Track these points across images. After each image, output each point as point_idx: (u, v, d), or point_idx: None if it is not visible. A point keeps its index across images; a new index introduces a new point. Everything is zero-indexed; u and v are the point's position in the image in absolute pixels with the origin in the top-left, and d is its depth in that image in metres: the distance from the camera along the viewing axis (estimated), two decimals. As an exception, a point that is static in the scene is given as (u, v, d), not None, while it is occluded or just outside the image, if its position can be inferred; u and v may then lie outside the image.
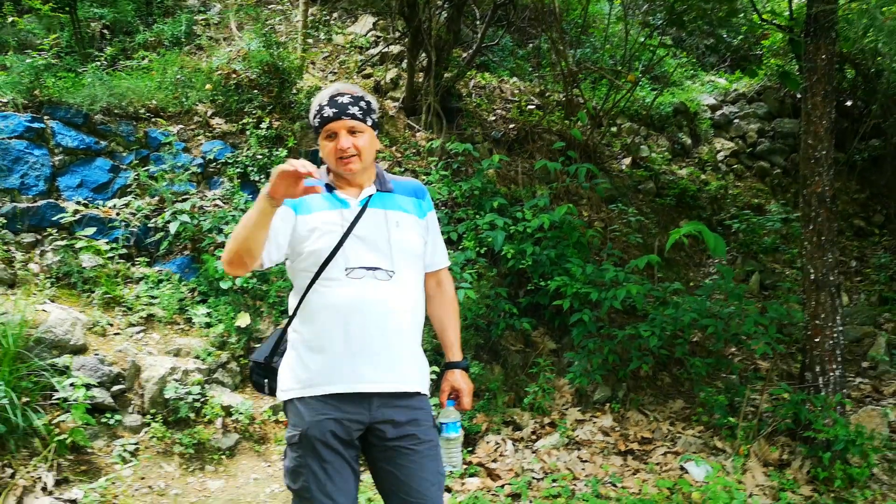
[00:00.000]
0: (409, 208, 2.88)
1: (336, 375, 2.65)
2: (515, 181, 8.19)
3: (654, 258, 6.37)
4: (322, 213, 2.74)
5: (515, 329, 6.69)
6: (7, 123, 6.49)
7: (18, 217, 6.17)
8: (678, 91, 12.48)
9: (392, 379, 2.70)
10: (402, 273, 2.74)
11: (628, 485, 5.17)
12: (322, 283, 2.68)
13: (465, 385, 2.97)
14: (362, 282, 2.65)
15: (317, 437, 2.62)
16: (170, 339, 5.84)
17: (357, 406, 2.66)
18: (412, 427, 2.72)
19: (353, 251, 2.68)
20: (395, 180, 2.94)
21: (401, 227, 2.78)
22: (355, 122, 2.74)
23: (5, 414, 4.40)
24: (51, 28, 9.28)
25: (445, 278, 3.09)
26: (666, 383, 6.67)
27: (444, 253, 3.07)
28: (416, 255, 2.83)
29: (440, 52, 8.49)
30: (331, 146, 2.75)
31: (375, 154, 2.89)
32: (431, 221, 2.98)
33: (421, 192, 2.99)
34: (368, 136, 2.79)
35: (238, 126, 7.62)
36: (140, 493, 4.61)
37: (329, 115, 2.74)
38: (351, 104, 2.75)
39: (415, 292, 2.82)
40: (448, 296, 3.07)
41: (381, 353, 2.66)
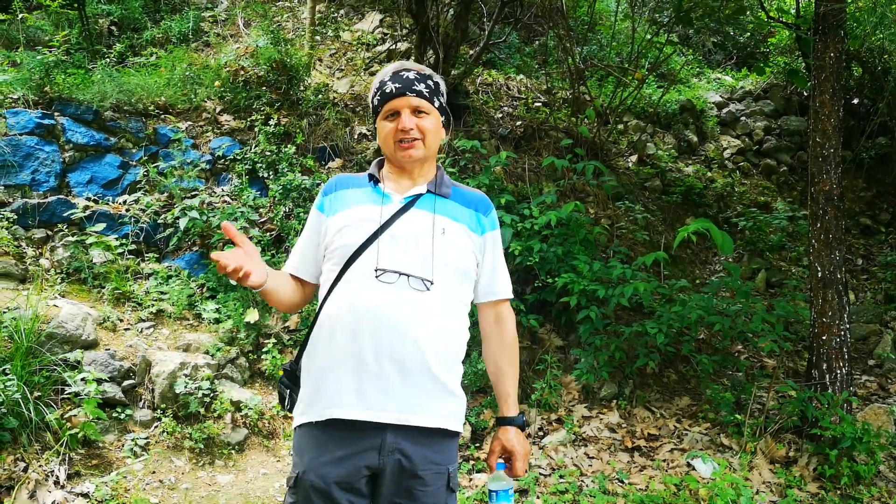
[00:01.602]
0: (464, 219, 2.48)
1: (339, 396, 2.28)
2: (522, 178, 8.20)
3: (661, 255, 6.38)
4: (358, 209, 2.44)
5: (522, 326, 6.71)
6: (18, 120, 6.53)
7: (29, 213, 6.21)
8: (685, 88, 12.48)
9: (407, 408, 2.28)
10: (443, 287, 2.35)
11: (635, 481, 5.20)
12: (346, 283, 2.34)
13: (520, 447, 2.49)
14: (392, 287, 2.29)
15: (313, 486, 2.27)
16: (179, 335, 5.88)
17: (365, 440, 2.27)
18: (423, 480, 2.31)
19: (386, 251, 2.33)
20: (458, 188, 2.58)
21: (447, 237, 2.40)
22: (421, 101, 2.42)
23: (18, 408, 4.44)
24: (59, 25, 9.33)
25: (507, 314, 2.63)
26: (672, 380, 6.68)
27: (506, 282, 2.61)
28: (461, 272, 2.43)
29: (447, 49, 8.50)
30: (390, 127, 2.42)
31: (440, 145, 2.60)
32: (492, 242, 2.56)
33: (484, 206, 2.57)
34: (435, 119, 2.46)
35: (246, 123, 7.66)
36: (151, 487, 4.64)
37: (391, 91, 2.42)
38: (418, 80, 2.44)
39: (456, 312, 2.43)
40: (508, 336, 2.62)
41: (398, 374, 2.26)
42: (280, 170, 7.24)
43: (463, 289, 2.46)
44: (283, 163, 7.27)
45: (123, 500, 4.43)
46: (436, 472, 2.32)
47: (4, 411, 4.36)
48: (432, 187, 2.48)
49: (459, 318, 2.44)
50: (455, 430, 2.40)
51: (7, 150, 6.35)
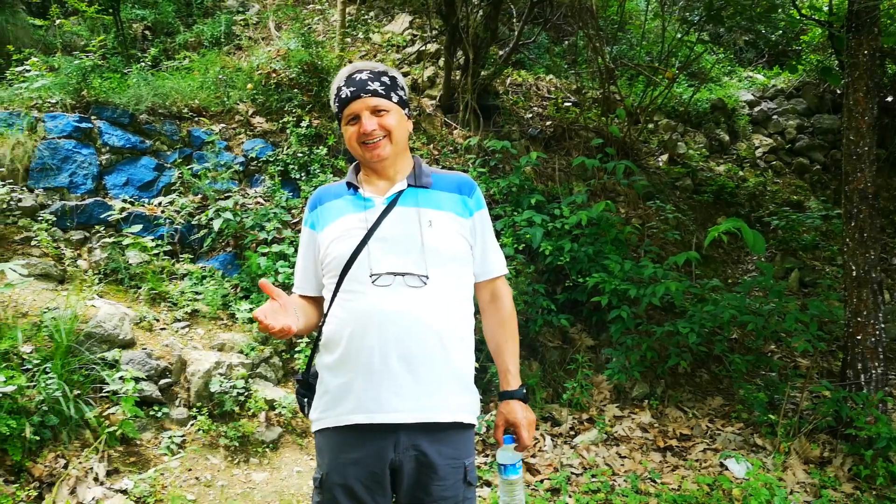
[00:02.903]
0: (449, 206, 2.47)
1: (356, 404, 2.30)
2: (553, 178, 8.21)
3: (693, 255, 6.37)
4: (343, 219, 2.44)
5: (553, 325, 6.72)
6: (56, 123, 6.65)
7: (68, 215, 6.32)
8: (716, 87, 12.41)
9: (420, 406, 2.29)
10: (439, 279, 2.34)
11: (668, 481, 5.19)
12: (344, 293, 2.37)
13: (524, 417, 2.47)
14: (390, 289, 2.29)
15: (338, 484, 2.32)
16: (214, 334, 5.95)
17: (380, 441, 2.30)
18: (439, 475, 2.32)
19: (378, 255, 2.34)
20: (438, 174, 2.57)
21: (435, 228, 2.38)
22: (378, 100, 2.40)
23: (58, 406, 4.52)
24: (94, 30, 9.48)
25: (502, 289, 2.62)
26: (704, 380, 6.66)
27: (498, 259, 2.61)
28: (456, 259, 2.42)
29: (477, 49, 8.53)
30: (353, 131, 2.42)
31: (409, 138, 2.54)
32: (480, 222, 2.55)
33: (467, 187, 2.55)
34: (396, 114, 2.43)
35: (278, 125, 7.74)
36: (188, 484, 4.71)
37: (347, 96, 2.41)
38: (371, 80, 2.41)
39: (456, 302, 2.41)
40: (505, 311, 2.60)
41: (408, 374, 2.28)
42: (312, 171, 7.31)
43: (461, 276, 2.46)
44: (314, 164, 7.34)
45: (161, 496, 4.50)
46: (452, 466, 2.34)
47: (46, 409, 4.44)
48: (412, 181, 2.48)
49: (461, 306, 2.44)
50: (469, 422, 2.40)
51: (46, 153, 6.47)
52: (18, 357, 4.60)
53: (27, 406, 4.36)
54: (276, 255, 6.31)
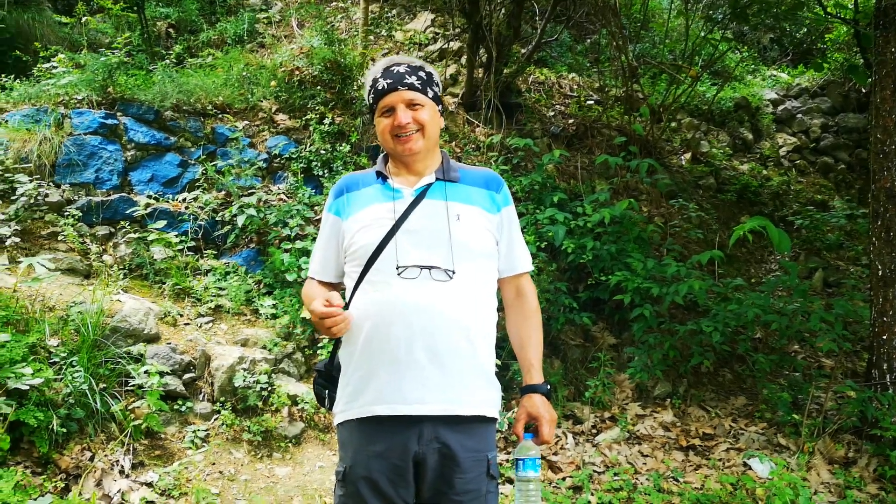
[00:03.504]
0: (477, 200, 2.48)
1: (378, 394, 2.31)
2: (575, 176, 8.19)
3: (717, 253, 6.33)
4: (372, 208, 2.44)
5: (575, 323, 6.70)
6: (82, 120, 6.72)
7: (93, 210, 6.38)
8: (739, 86, 12.33)
9: (445, 398, 2.30)
10: (466, 274, 2.34)
11: (690, 480, 5.17)
12: (369, 284, 2.36)
13: (546, 413, 2.45)
14: (416, 282, 2.30)
15: (361, 476, 2.31)
16: (237, 330, 5.99)
17: (403, 433, 2.29)
18: (462, 467, 2.31)
19: (405, 247, 2.33)
20: (465, 169, 2.57)
21: (462, 222, 2.39)
22: (414, 94, 2.41)
23: (85, 399, 4.56)
24: (119, 27, 9.56)
25: (526, 286, 2.62)
26: (727, 380, 6.62)
27: (524, 255, 2.61)
28: (482, 254, 2.43)
29: (500, 47, 8.53)
30: (386, 123, 2.43)
31: (440, 134, 2.57)
32: (508, 218, 2.55)
33: (495, 183, 2.56)
34: (430, 109, 2.44)
35: (301, 122, 7.77)
36: (211, 478, 4.75)
37: (384, 88, 2.42)
38: (408, 73, 2.43)
39: (481, 297, 2.42)
40: (529, 307, 2.60)
41: (433, 366, 2.28)
42: (335, 168, 7.33)
43: (486, 271, 2.46)
44: (337, 161, 7.37)
45: (185, 489, 4.54)
46: (475, 459, 2.33)
47: (73, 402, 4.49)
48: (440, 174, 2.48)
49: (486, 301, 2.44)
50: (491, 416, 2.40)
51: (72, 149, 6.53)
52: (45, 350, 4.65)
53: (54, 399, 4.40)
54: (299, 252, 6.34)
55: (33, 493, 3.91)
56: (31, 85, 7.21)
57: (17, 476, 3.82)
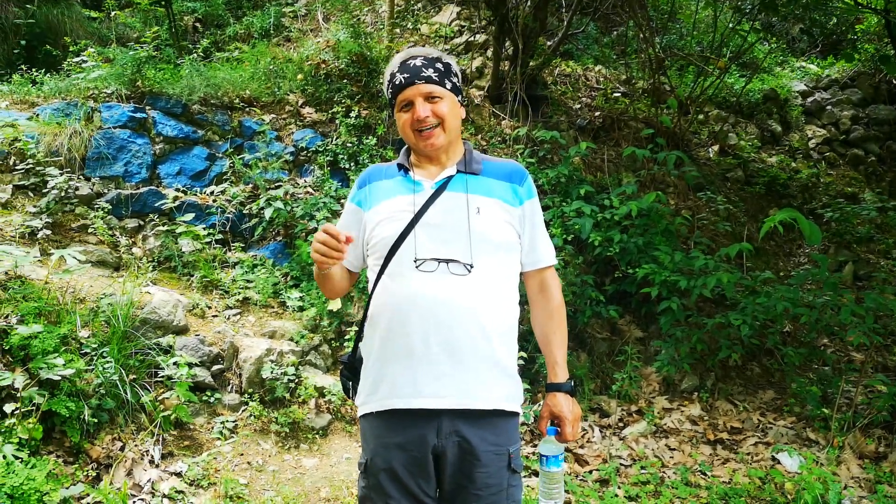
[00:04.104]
0: (498, 193, 2.45)
1: (394, 388, 2.31)
2: (601, 169, 8.15)
3: (745, 246, 6.28)
4: (392, 201, 2.44)
5: (602, 317, 6.67)
6: (112, 113, 6.78)
7: (123, 203, 6.45)
8: (768, 77, 12.20)
9: (461, 392, 2.29)
10: (484, 267, 2.33)
11: (718, 474, 5.13)
12: (389, 277, 2.36)
13: (569, 411, 2.42)
14: (434, 275, 2.29)
15: (382, 468, 2.32)
16: (265, 322, 6.02)
17: (422, 427, 2.29)
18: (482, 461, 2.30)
19: (423, 240, 2.33)
20: (488, 161, 2.54)
21: (483, 215, 2.37)
22: (432, 87, 2.39)
23: (115, 390, 4.61)
24: (147, 22, 9.64)
25: (551, 280, 2.57)
26: (756, 373, 6.57)
27: (547, 249, 2.57)
28: (503, 247, 2.41)
29: (526, 40, 8.49)
30: (406, 118, 2.41)
31: (461, 125, 2.54)
32: (531, 211, 2.52)
33: (518, 175, 2.53)
34: (449, 101, 2.42)
35: (328, 115, 7.79)
36: (240, 469, 4.78)
37: (401, 82, 2.40)
38: (425, 66, 2.40)
39: (501, 291, 2.40)
40: (553, 302, 2.56)
41: (448, 360, 2.27)
42: (361, 161, 7.34)
43: (507, 265, 2.44)
44: (363, 154, 7.38)
45: (214, 480, 4.57)
46: (496, 453, 2.32)
47: (103, 392, 4.54)
48: (462, 167, 2.47)
49: (506, 296, 2.42)
50: (512, 410, 2.38)
51: (102, 142, 6.59)
52: (77, 341, 4.69)
53: (85, 389, 4.45)
54: (325, 245, 6.35)
55: (65, 481, 3.95)
56: (61, 79, 7.28)
57: (50, 465, 3.86)
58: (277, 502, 4.48)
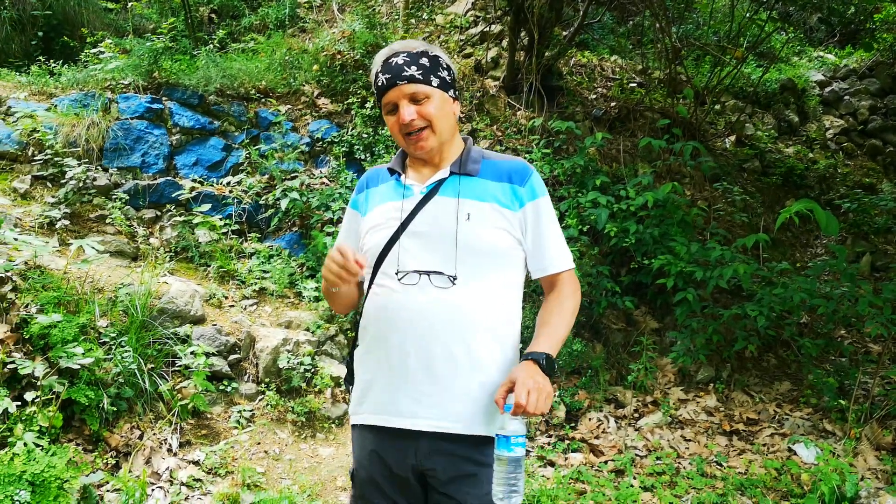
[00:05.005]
0: (493, 196, 2.23)
1: (374, 404, 2.23)
2: (617, 159, 8.12)
3: (762, 237, 6.25)
4: (383, 207, 2.30)
5: (617, 307, 6.67)
6: (129, 104, 6.81)
7: (140, 194, 6.48)
8: (785, 67, 12.11)
9: (438, 415, 2.13)
10: (470, 279, 2.15)
11: (734, 465, 5.13)
12: (375, 289, 2.24)
13: (528, 378, 2.01)
14: (416, 288, 2.15)
15: (366, 479, 2.26)
16: (281, 312, 6.05)
17: (400, 446, 2.19)
18: (460, 488, 2.13)
19: (407, 250, 2.19)
20: (491, 160, 2.33)
21: (473, 221, 2.17)
22: (416, 87, 2.18)
23: (134, 379, 4.66)
24: (163, 13, 9.66)
25: (564, 285, 2.32)
26: (772, 365, 6.55)
27: (558, 254, 2.32)
28: (494, 256, 2.20)
29: (542, 30, 8.46)
30: (393, 121, 2.24)
31: (456, 123, 2.33)
32: (534, 214, 2.28)
33: (519, 174, 2.29)
34: (437, 100, 2.22)
35: (343, 106, 7.80)
36: (257, 457, 4.82)
37: (383, 84, 2.21)
38: (408, 64, 2.19)
39: (492, 304, 2.20)
40: (560, 298, 2.30)
41: (427, 379, 2.13)
42: (376, 152, 7.35)
43: (500, 275, 2.22)
44: (379, 145, 7.39)
45: (231, 468, 4.61)
46: (486, 471, 2.10)
47: (122, 381, 4.58)
48: (455, 168, 2.26)
49: (498, 309, 2.22)
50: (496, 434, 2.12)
51: (119, 133, 6.63)
52: (95, 331, 4.73)
53: (104, 378, 4.49)
54: (341, 235, 6.38)
55: (85, 469, 4.00)
56: (78, 70, 7.32)
57: (70, 453, 3.90)
58: (294, 491, 4.51)
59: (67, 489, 3.62)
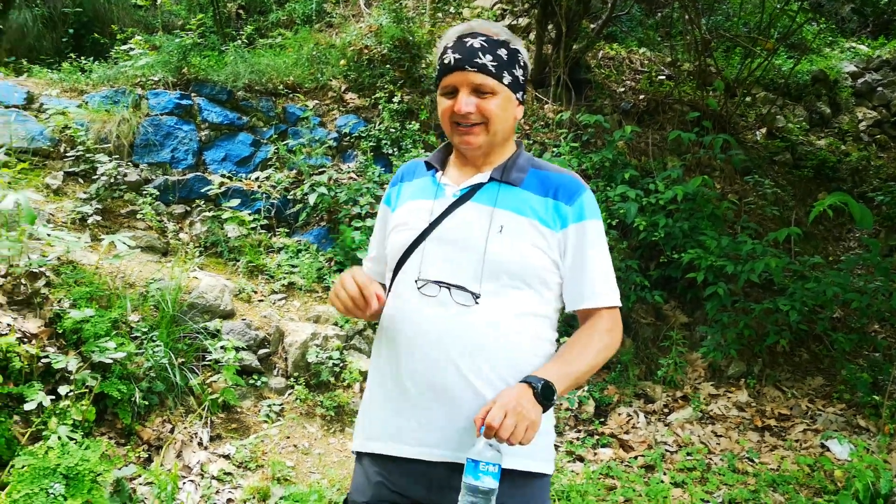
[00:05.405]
0: (533, 211, 1.97)
1: (382, 428, 1.99)
2: (646, 153, 8.06)
3: (794, 230, 6.18)
4: (412, 205, 2.09)
5: (647, 302, 6.62)
6: (158, 100, 6.86)
7: (170, 189, 6.53)
8: (817, 58, 11.95)
9: (449, 445, 1.88)
10: (494, 300, 1.90)
11: (766, 461, 5.09)
12: (393, 294, 2.01)
13: (509, 399, 1.75)
14: (434, 301, 1.91)
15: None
16: (309, 306, 6.07)
17: (409, 478, 1.94)
18: None
19: (430, 257, 1.95)
20: (540, 171, 2.06)
21: (505, 235, 1.92)
22: (485, 79, 1.93)
23: (164, 373, 4.69)
24: (191, 9, 9.71)
25: (603, 318, 2.01)
26: (804, 360, 6.48)
27: (600, 287, 2.00)
28: (523, 276, 1.93)
29: (569, 23, 8.42)
30: (446, 106, 1.98)
31: (514, 127, 2.07)
32: (578, 237, 1.98)
33: (567, 192, 2.00)
34: (503, 99, 1.96)
35: (370, 100, 7.80)
36: (286, 451, 4.84)
37: (450, 63, 1.95)
38: (484, 50, 1.93)
39: (518, 330, 1.93)
40: (590, 329, 1.99)
41: (437, 406, 1.89)
42: (404, 146, 7.35)
43: (529, 298, 1.95)
44: (406, 139, 7.39)
45: (261, 462, 4.63)
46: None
47: (153, 375, 4.61)
48: (497, 174, 2.01)
49: (524, 336, 1.94)
50: (524, 469, 1.91)
51: (149, 129, 6.68)
52: (127, 325, 4.77)
53: (136, 372, 4.53)
54: (369, 230, 6.38)
55: (118, 462, 4.03)
56: (109, 67, 7.38)
57: (103, 446, 3.94)
58: (323, 485, 4.53)
59: (101, 482, 3.66)
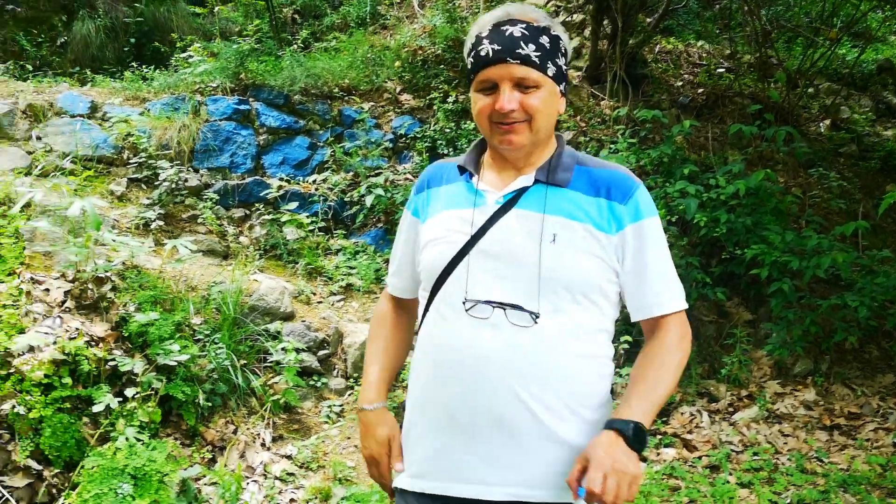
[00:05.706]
0: (584, 214, 1.78)
1: (430, 464, 1.81)
2: (706, 147, 7.92)
3: (862, 224, 6.00)
4: (448, 214, 1.88)
5: (709, 299, 6.50)
6: (217, 106, 6.98)
7: (229, 193, 6.64)
8: (882, 47, 11.62)
9: (514, 481, 1.72)
10: (555, 318, 1.73)
11: (836, 460, 4.95)
12: (436, 314, 1.82)
13: (604, 457, 1.63)
14: (487, 324, 1.72)
15: None
16: (367, 308, 6.10)
17: None
18: None
19: (477, 274, 1.76)
20: (587, 167, 1.87)
21: (559, 244, 1.74)
22: (528, 71, 1.73)
23: (227, 375, 4.76)
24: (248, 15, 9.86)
25: (671, 327, 1.86)
26: (874, 356, 6.29)
27: (665, 291, 1.86)
28: (583, 289, 1.76)
29: (626, 17, 8.31)
30: (485, 103, 1.77)
31: (556, 122, 1.88)
32: (636, 238, 1.81)
33: (620, 189, 1.82)
34: (547, 93, 1.77)
35: (425, 101, 7.82)
36: (347, 452, 4.86)
37: (488, 55, 1.74)
38: (524, 39, 1.73)
39: (580, 349, 1.77)
40: (662, 344, 1.84)
41: (499, 437, 1.72)
42: (459, 146, 7.35)
43: (592, 313, 1.79)
44: (462, 139, 7.38)
45: (323, 463, 4.67)
46: None
47: (216, 377, 4.69)
48: (542, 175, 1.82)
49: (588, 353, 1.79)
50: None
51: (209, 135, 6.80)
52: (190, 328, 4.85)
53: (199, 374, 4.60)
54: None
55: (183, 463, 4.10)
56: (169, 75, 7.54)
57: (169, 447, 4.01)
58: (384, 485, 4.54)
59: (167, 482, 3.72)
